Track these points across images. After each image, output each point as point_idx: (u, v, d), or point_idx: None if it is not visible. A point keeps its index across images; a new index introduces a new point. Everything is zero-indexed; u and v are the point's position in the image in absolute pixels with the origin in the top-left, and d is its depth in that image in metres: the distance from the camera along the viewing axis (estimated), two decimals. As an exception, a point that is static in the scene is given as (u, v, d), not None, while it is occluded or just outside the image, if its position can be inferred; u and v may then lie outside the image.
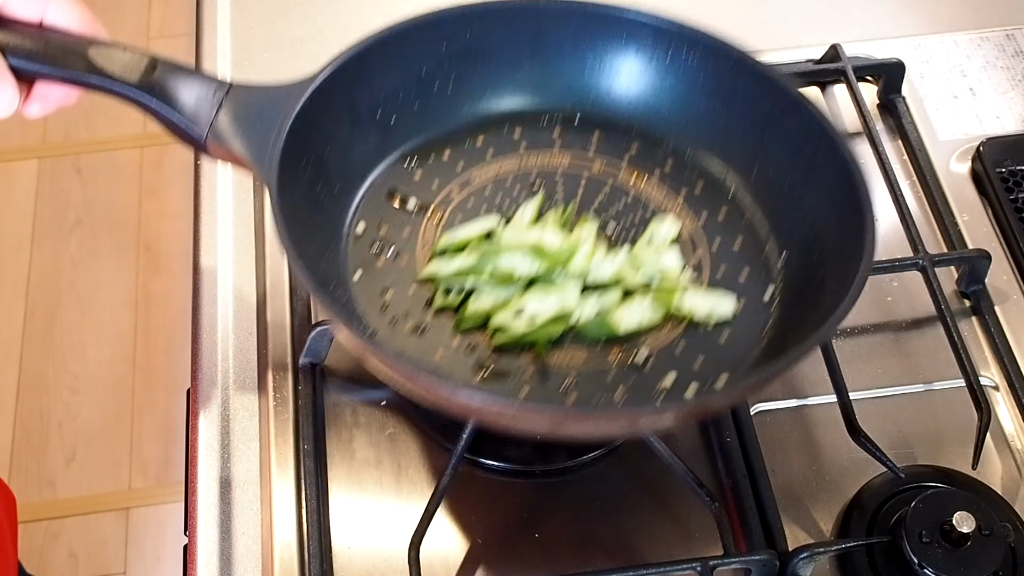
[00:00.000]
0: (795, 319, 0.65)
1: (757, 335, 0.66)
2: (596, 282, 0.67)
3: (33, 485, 1.66)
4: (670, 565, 0.62)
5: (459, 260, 0.67)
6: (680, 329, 0.66)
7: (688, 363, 0.64)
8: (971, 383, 0.68)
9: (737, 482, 0.66)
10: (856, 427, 0.65)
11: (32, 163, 2.00)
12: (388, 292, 0.67)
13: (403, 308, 0.67)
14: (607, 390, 0.63)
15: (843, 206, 0.64)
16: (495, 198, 0.72)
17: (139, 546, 1.61)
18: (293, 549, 0.65)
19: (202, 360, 0.73)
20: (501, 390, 0.63)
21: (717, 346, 0.65)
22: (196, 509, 0.67)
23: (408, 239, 0.70)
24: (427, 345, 0.65)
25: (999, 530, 0.59)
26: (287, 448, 0.68)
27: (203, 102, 0.65)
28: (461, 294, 0.66)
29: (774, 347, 0.64)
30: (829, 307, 0.59)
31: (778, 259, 0.69)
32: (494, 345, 0.65)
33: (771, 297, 0.67)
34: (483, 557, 0.65)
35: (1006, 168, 0.80)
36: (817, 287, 0.64)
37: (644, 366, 0.64)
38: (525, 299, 0.65)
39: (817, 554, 0.62)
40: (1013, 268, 0.76)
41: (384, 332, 0.65)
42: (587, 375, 0.64)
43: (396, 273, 0.68)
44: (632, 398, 0.63)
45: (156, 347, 1.80)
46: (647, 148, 0.74)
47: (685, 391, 0.63)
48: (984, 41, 0.89)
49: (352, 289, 0.67)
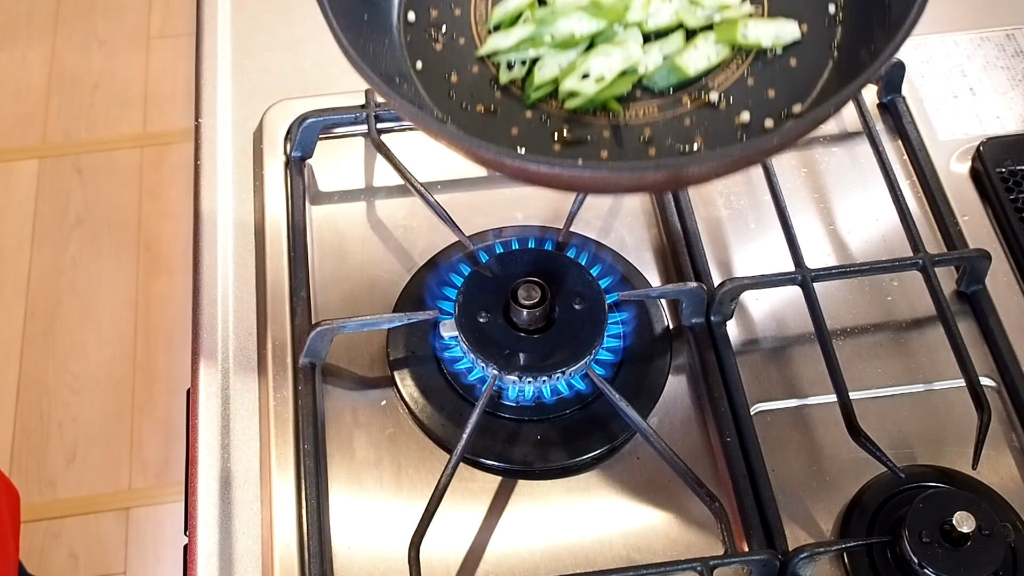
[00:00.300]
0: (864, 32, 0.63)
1: (827, 55, 0.63)
2: (657, 28, 0.65)
3: (33, 485, 1.66)
4: (670, 565, 0.62)
5: (516, 31, 0.65)
6: (748, 61, 0.64)
7: (761, 96, 0.63)
8: (971, 383, 0.68)
9: (737, 482, 0.66)
10: (856, 427, 0.65)
11: (32, 163, 2.00)
12: (452, 76, 0.65)
13: (470, 90, 0.65)
14: (685, 138, 0.61)
15: None
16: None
17: (139, 546, 1.61)
18: (293, 549, 0.65)
19: (202, 360, 0.73)
20: (581, 154, 0.61)
21: (787, 73, 0.63)
22: (196, 509, 0.67)
23: (460, 18, 0.68)
24: (500, 124, 0.63)
25: (999, 530, 0.59)
26: (287, 448, 0.68)
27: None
28: (525, 66, 0.65)
29: (844, 65, 0.62)
30: (898, 16, 0.56)
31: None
32: (566, 111, 0.63)
33: (836, 10, 0.65)
34: (483, 557, 0.65)
35: (1006, 168, 0.80)
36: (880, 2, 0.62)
37: (718, 105, 0.63)
38: (589, 60, 0.63)
39: (817, 554, 0.62)
40: (1013, 268, 0.76)
41: (456, 117, 0.63)
42: (663, 125, 0.62)
43: (457, 55, 0.66)
44: (711, 140, 0.61)
45: (156, 347, 1.80)
46: None
47: (763, 125, 0.61)
48: (984, 41, 0.89)
49: (416, 80, 0.65)
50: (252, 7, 0.92)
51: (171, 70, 2.12)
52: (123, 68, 2.12)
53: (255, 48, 0.90)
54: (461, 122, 0.63)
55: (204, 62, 0.89)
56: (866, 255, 0.77)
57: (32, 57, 2.12)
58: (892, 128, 0.84)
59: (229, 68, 0.88)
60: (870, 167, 0.80)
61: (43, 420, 1.72)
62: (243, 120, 0.85)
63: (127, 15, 2.20)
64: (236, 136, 0.84)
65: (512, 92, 0.65)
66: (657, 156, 0.61)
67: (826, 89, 0.62)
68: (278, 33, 0.90)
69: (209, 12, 0.92)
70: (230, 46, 0.90)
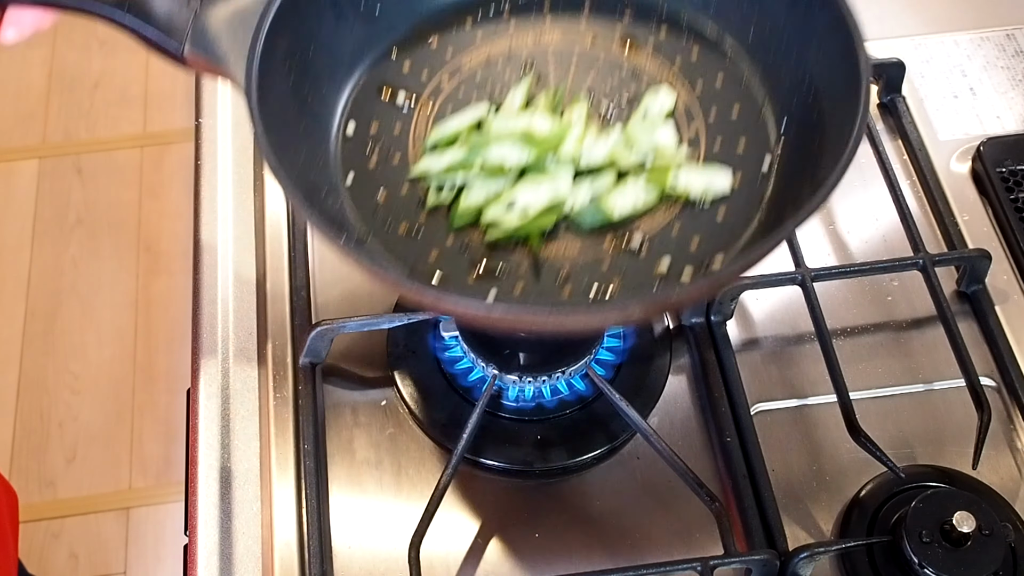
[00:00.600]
0: (793, 190, 0.63)
1: (755, 209, 0.63)
2: (589, 166, 0.65)
3: (33, 485, 1.66)
4: (670, 565, 0.62)
5: (449, 154, 0.65)
6: (676, 209, 0.64)
7: (684, 245, 0.62)
8: (972, 383, 0.68)
9: (737, 482, 0.66)
10: (856, 427, 0.65)
11: (32, 163, 2.00)
12: (381, 193, 0.65)
13: (397, 209, 0.64)
14: (602, 279, 0.61)
15: (838, 60, 0.62)
16: (486, 84, 0.70)
17: (139, 546, 1.61)
18: (293, 549, 0.65)
19: (202, 360, 0.73)
20: (496, 287, 0.61)
21: (713, 224, 0.63)
22: (196, 509, 0.67)
23: (399, 136, 0.68)
24: (421, 246, 0.63)
25: (999, 530, 0.59)
26: (287, 448, 0.68)
27: (178, 12, 0.63)
28: (453, 190, 0.64)
29: (771, 221, 0.62)
30: (826, 175, 0.56)
31: (776, 126, 0.66)
32: (487, 241, 0.62)
33: (769, 167, 0.65)
34: (483, 557, 0.65)
35: (1006, 168, 0.80)
36: (815, 153, 0.62)
37: (640, 251, 0.62)
38: (516, 190, 0.63)
39: (817, 554, 0.62)
40: (1013, 268, 0.76)
41: (378, 235, 0.63)
42: (582, 265, 0.62)
43: (389, 173, 0.66)
44: (628, 286, 0.61)
45: (156, 347, 1.80)
46: (640, 15, 0.72)
47: (681, 275, 0.61)
48: (984, 41, 0.89)
49: (345, 194, 0.65)
50: (252, 7, 0.92)
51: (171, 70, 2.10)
52: (123, 68, 2.12)
53: (255, 48, 0.89)
54: (382, 241, 0.63)
55: (204, 62, 0.88)
56: (866, 255, 0.77)
57: (32, 57, 2.12)
58: (892, 128, 0.84)
59: (229, 68, 0.88)
60: (870, 167, 0.80)
61: (43, 420, 1.72)
62: (243, 120, 0.85)
63: (127, 15, 2.20)
64: (236, 136, 0.84)
65: (438, 216, 0.64)
66: (572, 296, 0.61)
67: (750, 244, 0.62)
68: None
69: (209, 12, 0.92)
70: (230, 46, 0.90)
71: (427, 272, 0.62)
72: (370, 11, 0.70)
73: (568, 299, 0.60)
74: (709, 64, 0.69)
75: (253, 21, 0.62)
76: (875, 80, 0.86)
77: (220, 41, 0.62)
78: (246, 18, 0.62)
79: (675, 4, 0.71)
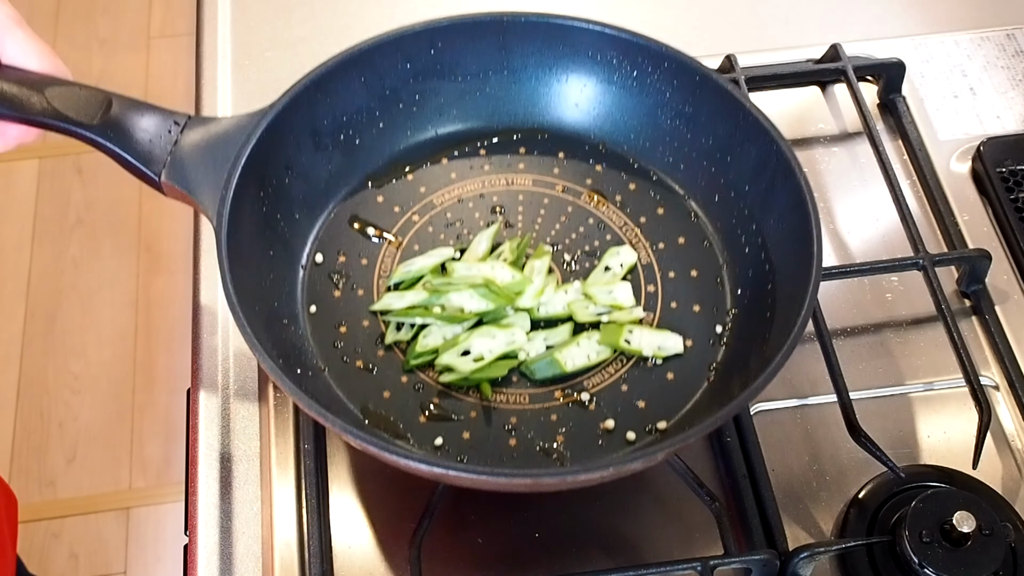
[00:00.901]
0: (741, 360, 0.66)
1: (704, 374, 0.66)
2: (547, 317, 0.67)
3: (34, 485, 1.66)
4: (670, 565, 0.62)
5: (410, 295, 0.67)
6: (627, 367, 0.66)
7: (631, 405, 0.65)
8: (972, 383, 0.68)
9: (737, 482, 0.65)
10: (856, 427, 0.65)
11: (32, 163, 2.00)
12: (342, 326, 0.67)
13: (355, 344, 0.67)
14: (548, 433, 0.64)
15: (794, 241, 0.65)
16: (455, 223, 0.72)
17: (139, 546, 1.61)
18: (293, 549, 0.65)
19: (202, 360, 0.73)
20: (446, 430, 0.64)
21: (662, 385, 0.66)
22: (196, 509, 0.67)
23: (365, 269, 0.70)
24: (375, 383, 0.65)
25: (999, 530, 0.59)
26: (287, 447, 0.68)
27: (158, 140, 0.64)
28: (412, 330, 0.66)
29: (717, 389, 0.65)
30: (772, 354, 0.59)
31: (732, 292, 0.69)
32: (440, 383, 0.65)
33: (721, 333, 0.68)
34: (483, 557, 0.65)
35: (1006, 168, 0.80)
36: (767, 326, 0.65)
37: (587, 406, 0.65)
38: (473, 338, 0.65)
39: (817, 554, 0.62)
40: (1013, 268, 0.76)
41: (334, 368, 0.66)
42: (530, 415, 0.64)
43: (351, 306, 0.68)
44: (573, 441, 0.64)
45: (156, 347, 1.80)
46: (611, 169, 0.75)
47: (625, 436, 0.64)
48: (984, 41, 0.89)
49: (306, 323, 0.67)
50: (252, 7, 0.92)
51: (171, 70, 2.12)
52: (123, 68, 2.12)
53: (255, 48, 0.90)
54: (337, 374, 0.65)
55: (204, 62, 0.89)
56: (866, 255, 0.77)
57: (32, 57, 2.12)
58: (892, 128, 0.84)
59: (229, 68, 0.88)
60: (870, 167, 0.80)
61: (43, 420, 1.72)
62: (243, 120, 0.85)
63: (127, 15, 2.20)
64: (236, 136, 0.84)
65: (394, 354, 0.66)
66: (516, 447, 0.63)
67: (695, 409, 0.65)
68: (278, 33, 0.90)
69: (209, 12, 0.92)
70: (230, 46, 0.90)
71: (376, 411, 0.64)
72: (350, 142, 0.73)
73: (514, 448, 0.63)
74: (673, 224, 0.72)
75: (230, 151, 0.64)
76: (875, 80, 0.86)
77: (196, 171, 0.64)
78: (223, 146, 0.64)
79: (646, 162, 0.75)
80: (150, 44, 2.16)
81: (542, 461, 0.63)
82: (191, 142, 0.65)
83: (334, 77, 0.70)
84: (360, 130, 0.73)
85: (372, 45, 0.70)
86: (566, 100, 0.76)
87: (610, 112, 0.75)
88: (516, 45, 0.73)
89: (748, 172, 0.69)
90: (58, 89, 0.64)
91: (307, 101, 0.69)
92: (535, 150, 0.75)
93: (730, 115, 0.70)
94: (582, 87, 0.75)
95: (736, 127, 0.69)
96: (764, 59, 0.85)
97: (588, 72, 0.74)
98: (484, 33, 0.73)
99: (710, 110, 0.71)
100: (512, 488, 0.60)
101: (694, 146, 0.73)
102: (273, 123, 0.66)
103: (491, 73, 0.75)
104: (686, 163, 0.73)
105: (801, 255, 0.63)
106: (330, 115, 0.71)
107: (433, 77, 0.74)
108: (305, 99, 0.69)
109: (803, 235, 0.63)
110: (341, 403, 0.65)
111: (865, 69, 0.84)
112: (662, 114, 0.73)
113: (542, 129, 0.76)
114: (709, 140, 0.72)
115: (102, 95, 0.64)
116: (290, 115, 0.68)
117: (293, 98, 0.68)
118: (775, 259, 0.67)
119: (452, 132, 0.75)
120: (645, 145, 0.74)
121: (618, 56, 0.73)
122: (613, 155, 0.75)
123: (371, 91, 0.72)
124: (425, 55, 0.73)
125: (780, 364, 0.58)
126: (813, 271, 0.61)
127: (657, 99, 0.73)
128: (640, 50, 0.72)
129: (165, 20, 2.20)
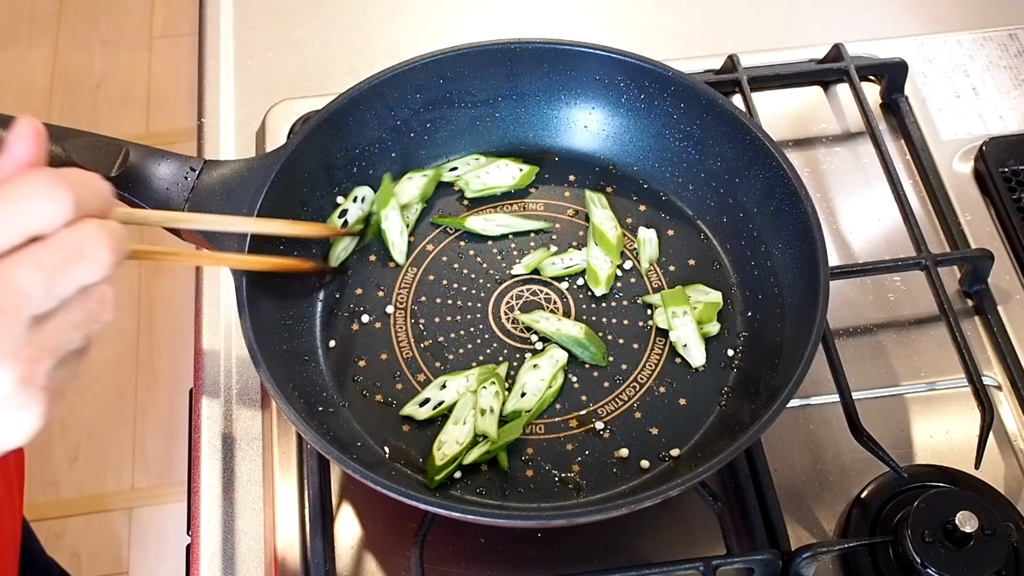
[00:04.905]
0: (751, 386, 0.66)
1: (715, 399, 0.67)
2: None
3: (36, 485, 1.66)
4: (672, 565, 0.62)
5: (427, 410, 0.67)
6: (638, 395, 0.67)
7: (644, 432, 0.66)
8: (974, 383, 0.68)
9: (740, 482, 0.65)
10: (859, 427, 0.65)
11: (35, 163, 2.00)
12: (361, 360, 0.68)
13: (374, 378, 0.68)
14: (564, 463, 0.65)
15: (801, 268, 0.65)
16: (468, 252, 0.73)
17: (142, 546, 1.61)
18: (296, 548, 0.65)
19: (204, 360, 0.73)
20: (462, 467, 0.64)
21: (675, 412, 0.66)
22: (199, 508, 0.67)
23: (382, 301, 0.71)
24: (394, 417, 0.66)
25: (1002, 530, 0.59)
26: (290, 447, 0.68)
27: (175, 187, 0.65)
28: (434, 411, 0.66)
29: (727, 417, 0.66)
30: (780, 381, 0.59)
31: (742, 316, 0.70)
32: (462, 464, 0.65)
33: (732, 356, 0.68)
34: (484, 557, 0.65)
35: (1009, 168, 0.80)
36: (776, 352, 0.65)
37: (601, 434, 0.66)
38: (523, 375, 0.67)
39: (820, 554, 0.62)
40: (1016, 268, 0.76)
41: (355, 405, 0.67)
42: (546, 445, 0.65)
43: (369, 339, 0.69)
44: (588, 470, 0.64)
45: (159, 347, 1.80)
46: (622, 190, 0.75)
47: (639, 464, 0.64)
48: (987, 41, 0.89)
49: (324, 359, 0.68)
50: (254, 7, 0.92)
51: (174, 70, 2.12)
52: (126, 68, 2.12)
53: (257, 48, 0.90)
54: (357, 410, 0.66)
55: (207, 62, 0.89)
56: (869, 255, 0.77)
57: (35, 57, 2.12)
58: (895, 128, 0.84)
59: (232, 68, 0.88)
60: (873, 167, 0.80)
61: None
62: (245, 120, 0.85)
63: (130, 15, 2.20)
64: (239, 136, 0.84)
65: (413, 387, 0.67)
66: (533, 478, 0.64)
67: (706, 437, 0.65)
68: (280, 33, 0.91)
69: (212, 12, 0.92)
70: (232, 46, 0.90)
71: (399, 444, 0.65)
72: (363, 173, 0.74)
73: (531, 479, 0.64)
74: (684, 244, 0.73)
75: (246, 194, 0.65)
76: (878, 80, 0.86)
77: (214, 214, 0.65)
78: (239, 189, 0.65)
79: (655, 183, 0.76)
80: (152, 44, 2.16)
81: (559, 491, 0.64)
82: (207, 187, 0.65)
83: (345, 113, 0.71)
84: (373, 161, 0.73)
85: (382, 80, 0.71)
86: (575, 123, 0.76)
87: (619, 134, 0.76)
88: (524, 72, 0.74)
89: (756, 195, 0.70)
90: (75, 141, 0.64)
91: (319, 139, 0.70)
92: (546, 173, 0.76)
93: (737, 138, 0.70)
94: (591, 110, 0.76)
95: (743, 151, 0.70)
96: (766, 59, 0.85)
97: (596, 96, 0.75)
98: (493, 61, 0.74)
99: (717, 133, 0.72)
100: (526, 527, 0.62)
101: (703, 168, 0.73)
102: (287, 164, 0.67)
103: (500, 99, 0.76)
104: (695, 184, 0.74)
105: (808, 282, 0.64)
106: (343, 150, 0.72)
107: (443, 106, 0.75)
108: (317, 138, 0.70)
109: (810, 262, 0.64)
110: (362, 438, 0.65)
111: (867, 69, 0.84)
112: (670, 136, 0.74)
113: (552, 152, 0.77)
114: (717, 162, 0.72)
115: (117, 145, 0.65)
116: (303, 155, 0.69)
117: (305, 138, 0.68)
118: (784, 283, 0.68)
119: (464, 158, 0.76)
120: (654, 166, 0.75)
121: (625, 80, 0.74)
122: (624, 176, 0.76)
123: (382, 123, 0.73)
124: (435, 85, 0.73)
125: (788, 397, 0.58)
126: (820, 299, 0.62)
127: (665, 121, 0.74)
128: (647, 74, 0.73)
129: (167, 20, 2.20)
